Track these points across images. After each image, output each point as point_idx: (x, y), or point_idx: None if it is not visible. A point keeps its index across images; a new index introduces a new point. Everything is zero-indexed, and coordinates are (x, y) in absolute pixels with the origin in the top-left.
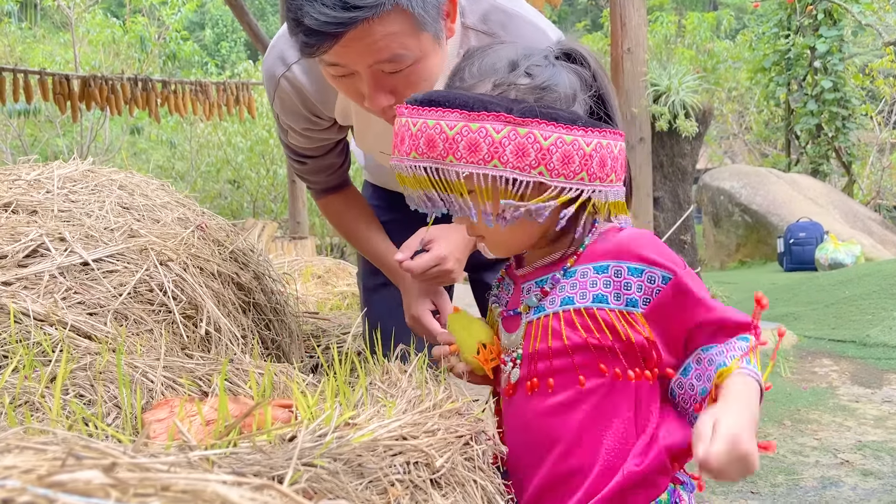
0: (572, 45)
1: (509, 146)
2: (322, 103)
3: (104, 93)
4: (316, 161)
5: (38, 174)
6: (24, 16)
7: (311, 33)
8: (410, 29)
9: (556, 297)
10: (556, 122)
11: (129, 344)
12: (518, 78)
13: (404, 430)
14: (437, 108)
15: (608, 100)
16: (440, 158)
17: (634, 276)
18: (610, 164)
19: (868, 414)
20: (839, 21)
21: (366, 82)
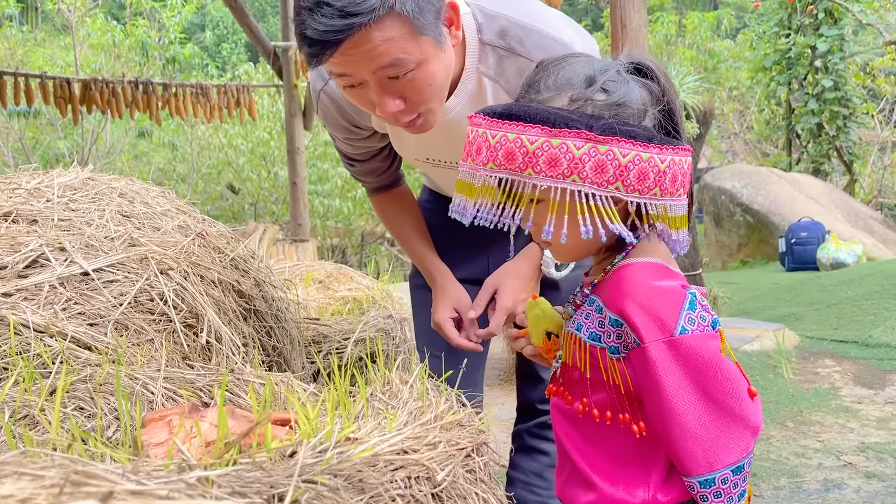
0: (642, 58)
1: (589, 162)
2: (358, 114)
3: (105, 96)
4: (363, 164)
5: (38, 183)
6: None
7: (313, 44)
8: (409, 33)
9: (577, 318)
10: (634, 140)
11: (129, 355)
12: (595, 94)
13: (405, 444)
14: (517, 123)
15: (675, 114)
16: (518, 171)
17: (613, 326)
18: (680, 179)
19: (871, 415)
20: (840, 20)
21: (373, 89)
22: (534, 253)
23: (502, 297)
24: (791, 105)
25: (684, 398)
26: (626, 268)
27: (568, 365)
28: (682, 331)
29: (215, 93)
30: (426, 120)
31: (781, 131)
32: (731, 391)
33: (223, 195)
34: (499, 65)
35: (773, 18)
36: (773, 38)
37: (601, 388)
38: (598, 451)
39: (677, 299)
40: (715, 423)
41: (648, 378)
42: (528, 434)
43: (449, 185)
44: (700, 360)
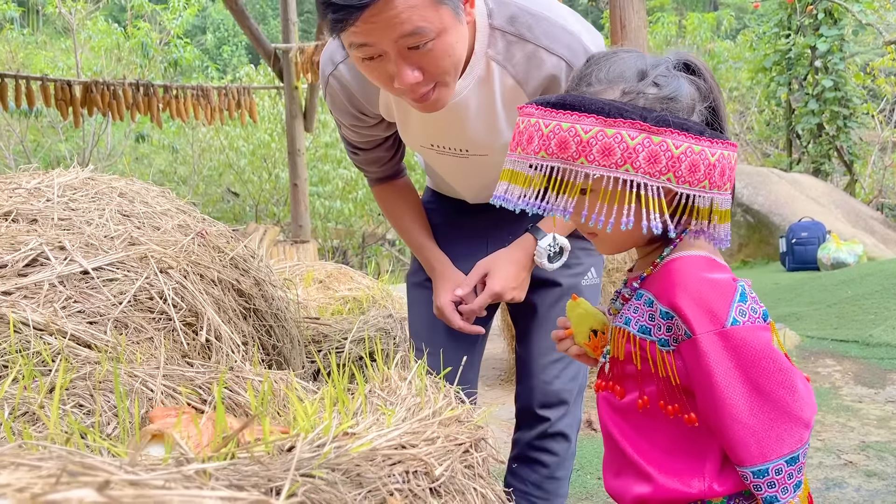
0: (689, 57)
1: (643, 152)
2: (367, 100)
3: (106, 98)
4: (367, 153)
5: (39, 182)
6: (26, 22)
7: (338, 9)
8: (430, 1)
9: (625, 312)
10: (687, 133)
11: (128, 353)
12: (647, 87)
13: (403, 439)
14: (572, 112)
15: (720, 112)
16: (571, 160)
17: (664, 319)
18: (728, 173)
19: (871, 414)
20: (840, 20)
21: (393, 59)
22: (528, 243)
23: (492, 280)
24: (791, 105)
25: (736, 389)
26: (677, 261)
27: (618, 359)
28: (733, 322)
29: (216, 95)
30: (440, 95)
31: (782, 132)
32: (784, 382)
33: (224, 197)
34: (507, 50)
35: (772, 19)
36: (773, 39)
37: (651, 381)
38: (651, 443)
39: (728, 291)
40: (767, 415)
41: (700, 370)
42: (529, 446)
43: (452, 175)
44: (751, 352)
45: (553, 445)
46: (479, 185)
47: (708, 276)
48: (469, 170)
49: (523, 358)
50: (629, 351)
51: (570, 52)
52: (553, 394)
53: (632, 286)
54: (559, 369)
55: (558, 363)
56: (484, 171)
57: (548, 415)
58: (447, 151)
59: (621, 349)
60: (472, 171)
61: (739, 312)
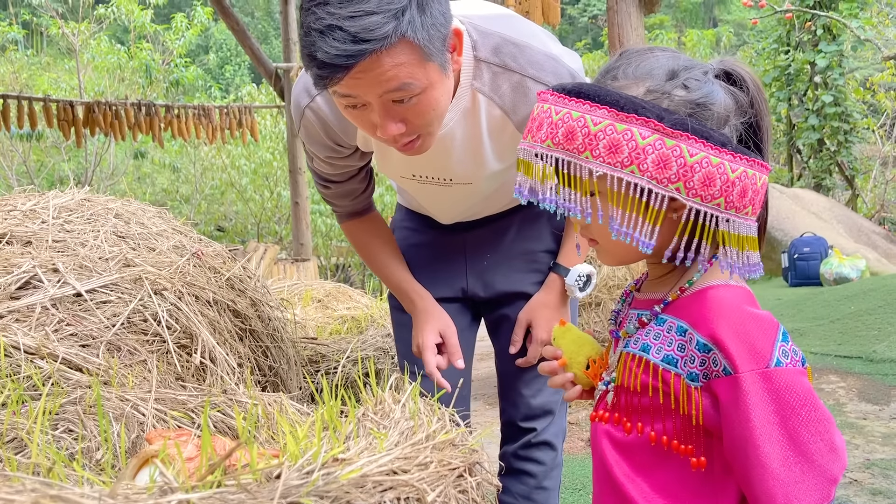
0: (735, 65)
1: (652, 155)
2: (343, 132)
3: (108, 118)
4: (339, 186)
5: (34, 204)
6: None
7: (323, 66)
8: (417, 59)
9: (641, 338)
10: (707, 141)
11: (120, 376)
12: (675, 88)
13: (395, 465)
14: (584, 101)
15: (762, 129)
16: (576, 152)
17: (700, 351)
18: (750, 195)
19: (876, 431)
20: (838, 36)
21: (377, 112)
22: (556, 283)
23: (537, 329)
24: (791, 121)
25: (772, 436)
26: (716, 289)
27: (627, 389)
28: (776, 363)
29: (217, 114)
30: (424, 142)
31: (782, 147)
32: (823, 434)
33: (226, 216)
34: (493, 81)
35: (771, 35)
36: (773, 55)
37: (668, 417)
38: (657, 486)
39: (772, 329)
40: (800, 467)
41: (737, 411)
42: (514, 457)
43: (431, 203)
44: (794, 397)
45: (539, 455)
46: (458, 210)
47: (751, 311)
48: (451, 197)
49: (505, 373)
50: (646, 382)
51: (556, 78)
52: (537, 407)
53: (652, 310)
54: (542, 382)
55: (541, 378)
56: (466, 197)
57: (533, 426)
58: (429, 181)
59: (636, 379)
60: (455, 199)
61: (783, 353)
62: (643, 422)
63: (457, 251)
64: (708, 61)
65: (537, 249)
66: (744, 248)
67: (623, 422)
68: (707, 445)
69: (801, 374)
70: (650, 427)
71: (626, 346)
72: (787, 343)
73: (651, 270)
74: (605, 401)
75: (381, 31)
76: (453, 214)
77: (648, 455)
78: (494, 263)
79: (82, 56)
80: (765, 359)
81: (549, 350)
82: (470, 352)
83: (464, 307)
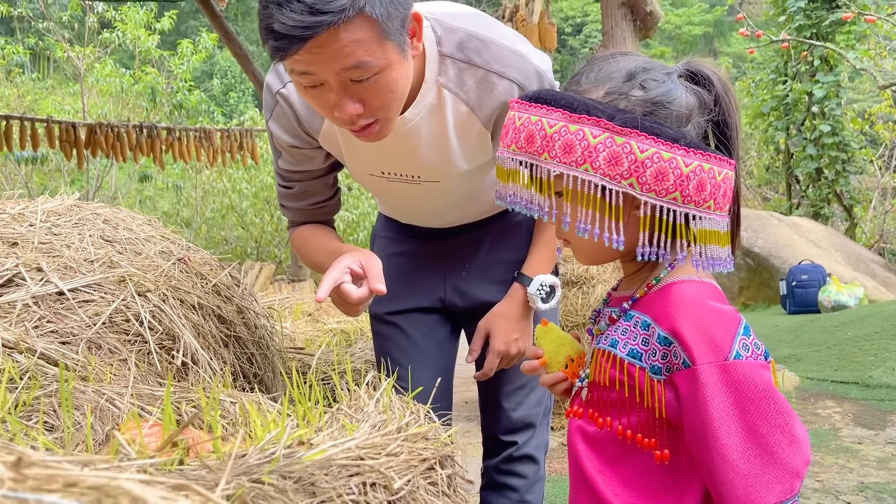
0: (700, 65)
1: (603, 152)
2: (309, 125)
3: (110, 140)
4: (301, 185)
5: (23, 208)
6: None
7: (280, 37)
8: (375, 37)
9: (610, 334)
10: (657, 137)
11: (98, 372)
12: (632, 89)
13: (362, 451)
14: (542, 106)
15: (729, 127)
16: (536, 154)
17: (661, 344)
18: (710, 189)
19: (871, 455)
20: (836, 67)
21: (334, 90)
22: (518, 293)
23: (494, 340)
24: (790, 150)
25: (730, 428)
26: (680, 284)
27: (598, 384)
28: (736, 356)
29: (219, 137)
30: (382, 128)
31: (781, 176)
32: (783, 426)
33: (227, 239)
34: (458, 77)
35: (769, 66)
36: (771, 85)
37: (633, 410)
38: (624, 480)
39: (732, 323)
40: (759, 459)
41: (695, 403)
42: (496, 470)
43: (403, 203)
44: (752, 389)
45: (521, 468)
46: (432, 212)
47: (713, 305)
48: (421, 196)
49: (485, 387)
50: (614, 377)
51: (521, 75)
52: (518, 420)
53: (621, 307)
54: (522, 395)
55: (521, 390)
56: (437, 197)
57: (514, 439)
58: (398, 178)
59: (605, 374)
60: (425, 198)
61: (743, 346)
62: (612, 416)
63: (435, 261)
64: (676, 63)
65: (516, 259)
66: (707, 242)
67: (595, 417)
68: (672, 439)
69: (761, 367)
70: (618, 421)
71: (599, 342)
72: (748, 337)
73: (624, 268)
74: (579, 397)
75: (337, 4)
76: (428, 217)
77: (616, 449)
78: (473, 273)
79: (87, 80)
80: (723, 351)
81: (530, 350)
82: (451, 361)
83: (443, 318)
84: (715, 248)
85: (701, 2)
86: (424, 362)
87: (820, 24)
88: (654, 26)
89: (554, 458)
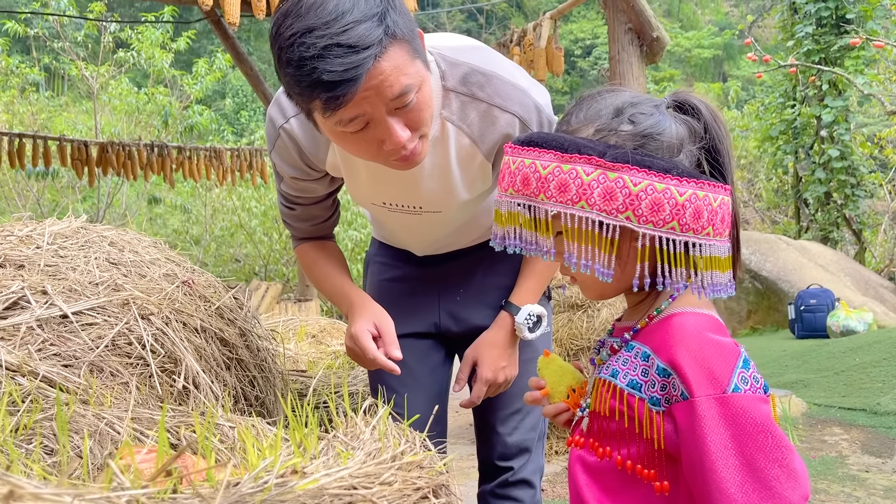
0: (687, 96)
1: (598, 189)
2: (314, 156)
3: (121, 158)
4: (304, 209)
5: (31, 231)
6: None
7: (334, 86)
8: (408, 58)
9: (612, 364)
10: (649, 170)
11: (99, 395)
12: (620, 125)
13: (356, 480)
14: (534, 149)
15: (721, 153)
16: (533, 196)
17: (660, 375)
18: (707, 216)
19: (878, 484)
20: (844, 91)
21: (385, 124)
22: (505, 321)
23: (482, 368)
24: (798, 174)
25: (728, 461)
26: (680, 316)
27: (599, 414)
28: (734, 389)
29: (228, 156)
30: (422, 147)
31: (790, 199)
32: (781, 460)
33: (236, 258)
34: (462, 110)
35: (778, 89)
36: (779, 109)
37: (633, 441)
38: None
39: (732, 355)
40: (757, 493)
41: (692, 435)
42: (492, 495)
43: (402, 232)
44: (750, 423)
45: (517, 493)
46: (430, 240)
47: (712, 337)
48: (422, 226)
49: (480, 412)
50: (614, 407)
51: (523, 109)
52: (513, 445)
53: (622, 337)
54: (517, 420)
55: (516, 415)
56: (437, 226)
57: (510, 464)
58: (399, 209)
59: (605, 404)
60: (425, 228)
61: (742, 380)
62: (612, 446)
63: (430, 286)
64: (662, 96)
65: (510, 284)
66: (708, 269)
67: (595, 447)
68: (672, 471)
69: (759, 401)
70: (618, 451)
71: (600, 372)
72: (747, 370)
73: (627, 299)
74: (580, 427)
75: (374, 36)
76: (425, 245)
77: (617, 480)
78: (467, 298)
79: (100, 98)
80: (722, 384)
81: (532, 381)
82: (445, 386)
83: (437, 343)
84: (717, 273)
85: (711, 25)
86: (419, 388)
87: (828, 48)
88: (660, 51)
89: (558, 482)
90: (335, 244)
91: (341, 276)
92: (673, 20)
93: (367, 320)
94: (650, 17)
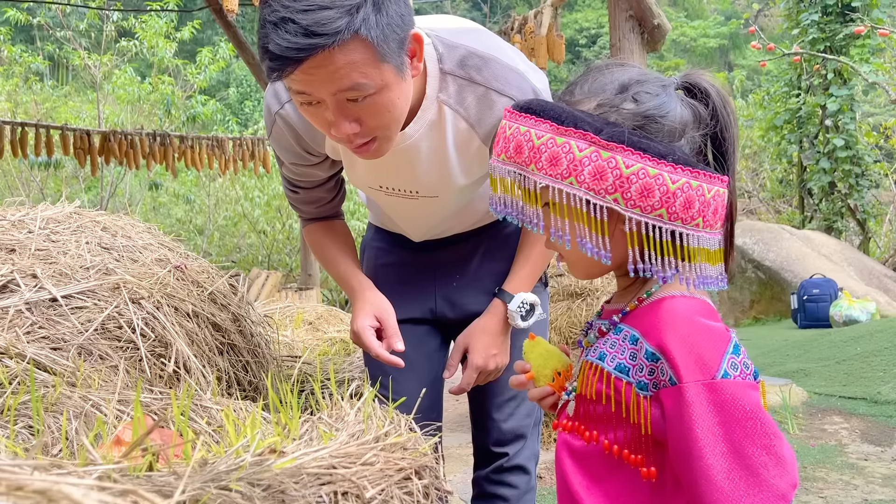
0: (698, 78)
1: (589, 166)
2: (312, 140)
3: (123, 147)
4: (307, 192)
5: (23, 215)
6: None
7: (275, 58)
8: (371, 59)
9: (599, 346)
10: (644, 153)
11: (86, 377)
12: (624, 102)
13: (336, 460)
14: (532, 116)
15: (726, 141)
16: (524, 165)
17: (648, 360)
18: (698, 206)
19: (876, 472)
20: (849, 80)
21: (330, 110)
22: (498, 308)
23: (472, 354)
24: (803, 163)
25: (715, 448)
26: (671, 300)
27: (585, 398)
28: (723, 375)
29: (230, 145)
30: (380, 146)
31: (794, 189)
32: (769, 448)
33: (239, 247)
34: (459, 94)
35: (782, 78)
36: (784, 98)
37: (620, 426)
38: (608, 497)
39: (722, 341)
40: (744, 481)
41: (680, 421)
42: (486, 481)
43: (400, 216)
44: (739, 409)
45: (512, 479)
46: (427, 225)
47: (703, 322)
48: (418, 210)
49: (475, 399)
50: (600, 390)
51: (521, 93)
52: (509, 431)
53: (611, 319)
54: (513, 407)
55: (511, 402)
56: (434, 211)
57: (505, 450)
58: (396, 193)
59: (592, 387)
60: (422, 212)
61: (731, 365)
62: (598, 430)
63: (426, 271)
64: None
65: (506, 270)
66: (695, 260)
67: (582, 430)
68: (659, 456)
69: (749, 387)
70: (604, 436)
71: (587, 354)
72: (737, 356)
73: (618, 282)
74: (566, 410)
75: (333, 26)
76: (422, 230)
77: (603, 464)
78: (463, 284)
79: (103, 88)
80: (711, 370)
81: (518, 364)
82: (440, 372)
83: (433, 329)
84: (705, 265)
85: (716, 14)
86: (414, 374)
87: (833, 37)
88: (661, 39)
89: (550, 470)
90: (343, 223)
91: (346, 260)
92: (678, 9)
93: (368, 314)
94: (651, 3)
